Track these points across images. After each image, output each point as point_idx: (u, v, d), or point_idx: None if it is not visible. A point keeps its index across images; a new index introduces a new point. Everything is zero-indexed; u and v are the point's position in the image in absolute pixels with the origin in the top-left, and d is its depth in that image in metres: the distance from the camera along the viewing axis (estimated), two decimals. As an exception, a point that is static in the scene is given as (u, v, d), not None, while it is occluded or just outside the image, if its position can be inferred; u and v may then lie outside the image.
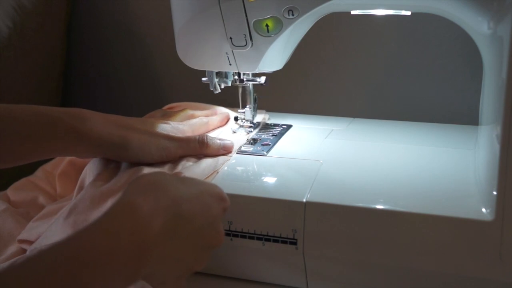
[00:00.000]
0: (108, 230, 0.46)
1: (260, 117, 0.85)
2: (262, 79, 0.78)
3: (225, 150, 0.72)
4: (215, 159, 0.72)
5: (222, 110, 0.83)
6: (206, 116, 0.80)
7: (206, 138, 0.71)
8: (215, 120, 0.80)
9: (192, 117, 0.78)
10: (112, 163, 0.70)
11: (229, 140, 0.74)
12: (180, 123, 0.75)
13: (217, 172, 0.69)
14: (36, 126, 0.63)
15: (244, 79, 0.78)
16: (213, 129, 0.80)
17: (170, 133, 0.71)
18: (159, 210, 0.48)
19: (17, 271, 0.42)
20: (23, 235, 0.68)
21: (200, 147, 0.70)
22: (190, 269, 0.53)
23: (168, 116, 0.77)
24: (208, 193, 0.54)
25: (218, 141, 0.72)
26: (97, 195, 0.65)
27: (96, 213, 0.63)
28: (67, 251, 0.44)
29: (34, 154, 0.65)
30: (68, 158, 0.79)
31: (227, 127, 0.82)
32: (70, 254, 0.44)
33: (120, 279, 0.46)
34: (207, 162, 0.70)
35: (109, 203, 0.63)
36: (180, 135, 0.72)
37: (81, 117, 0.65)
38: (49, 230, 0.65)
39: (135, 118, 0.73)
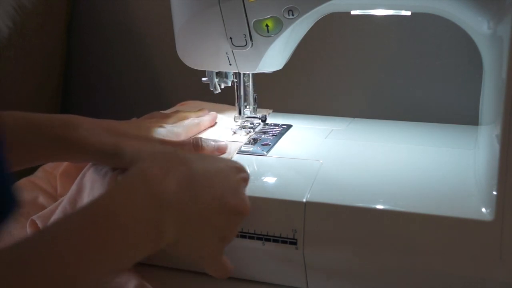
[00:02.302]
0: (125, 201, 0.46)
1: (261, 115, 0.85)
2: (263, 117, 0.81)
3: (219, 152, 0.73)
4: (235, 141, 0.75)
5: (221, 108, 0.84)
6: (198, 117, 0.81)
7: (201, 140, 0.71)
8: (205, 120, 0.81)
9: (185, 118, 0.79)
10: None
11: (223, 141, 0.74)
12: (175, 125, 0.75)
13: (240, 152, 0.73)
14: (26, 134, 0.62)
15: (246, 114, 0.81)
16: (204, 129, 0.81)
17: (165, 137, 0.71)
18: (171, 172, 0.48)
19: (38, 239, 0.42)
20: (36, 216, 0.69)
21: (195, 150, 0.70)
22: (223, 238, 0.53)
23: (162, 118, 0.77)
24: (226, 165, 0.55)
25: (212, 143, 0.72)
26: (107, 178, 0.66)
27: None
28: (83, 218, 0.44)
29: (24, 161, 0.64)
30: None
31: (227, 127, 0.82)
32: (89, 220, 0.44)
33: (144, 243, 0.45)
34: (229, 143, 0.74)
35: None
36: (175, 138, 0.73)
37: (72, 125, 0.63)
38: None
39: (130, 122, 0.73)
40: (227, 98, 0.84)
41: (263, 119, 0.82)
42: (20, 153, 0.62)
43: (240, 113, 0.81)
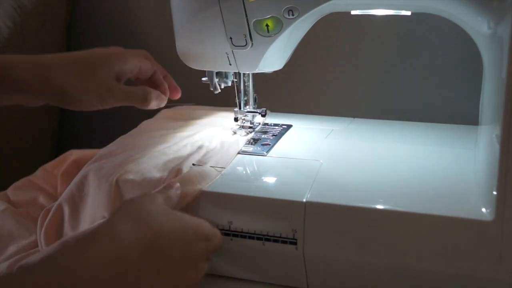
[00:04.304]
0: (91, 255, 0.48)
1: (260, 117, 0.85)
2: (263, 111, 0.81)
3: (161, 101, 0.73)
4: (235, 140, 0.76)
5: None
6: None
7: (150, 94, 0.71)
8: None
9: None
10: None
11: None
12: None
13: (239, 152, 0.74)
14: None
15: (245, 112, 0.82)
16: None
17: None
18: (139, 242, 0.50)
19: None
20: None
21: (141, 102, 0.71)
22: None
23: None
24: (193, 231, 0.55)
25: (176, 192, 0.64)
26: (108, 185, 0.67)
27: None
28: (51, 272, 0.45)
29: None
30: (71, 158, 0.79)
31: (227, 128, 0.82)
32: (55, 276, 0.45)
33: None
34: (228, 143, 0.75)
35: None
36: None
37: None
38: None
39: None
40: (227, 98, 0.84)
41: (263, 114, 0.81)
42: None
43: (240, 108, 0.81)
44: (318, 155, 0.72)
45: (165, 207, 0.57)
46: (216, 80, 0.79)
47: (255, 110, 0.81)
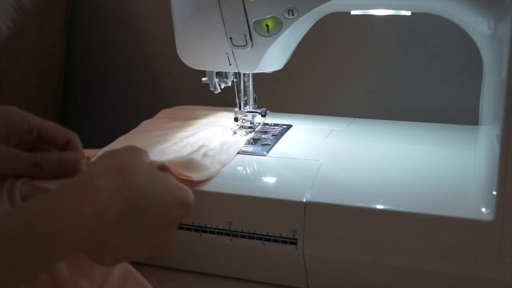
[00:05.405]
0: (70, 205, 0.46)
1: (260, 117, 0.85)
2: (263, 111, 0.81)
3: (66, 169, 0.55)
4: (235, 140, 0.76)
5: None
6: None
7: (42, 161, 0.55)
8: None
9: None
10: None
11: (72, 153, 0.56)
12: None
13: (239, 152, 0.74)
14: None
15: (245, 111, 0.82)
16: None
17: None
18: (119, 197, 0.48)
19: None
20: None
21: (33, 170, 0.55)
22: (126, 258, 0.53)
23: None
24: (174, 195, 0.53)
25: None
26: None
27: None
28: (27, 220, 0.44)
29: None
30: None
31: (227, 128, 0.82)
32: (30, 224, 0.43)
33: (67, 252, 0.46)
34: (228, 143, 0.75)
35: None
36: None
37: None
38: None
39: None
40: (227, 98, 0.84)
41: (263, 114, 0.81)
42: None
43: (240, 108, 0.81)
44: (318, 155, 0.72)
45: (149, 166, 0.54)
46: (216, 80, 0.79)
47: (255, 110, 0.81)
